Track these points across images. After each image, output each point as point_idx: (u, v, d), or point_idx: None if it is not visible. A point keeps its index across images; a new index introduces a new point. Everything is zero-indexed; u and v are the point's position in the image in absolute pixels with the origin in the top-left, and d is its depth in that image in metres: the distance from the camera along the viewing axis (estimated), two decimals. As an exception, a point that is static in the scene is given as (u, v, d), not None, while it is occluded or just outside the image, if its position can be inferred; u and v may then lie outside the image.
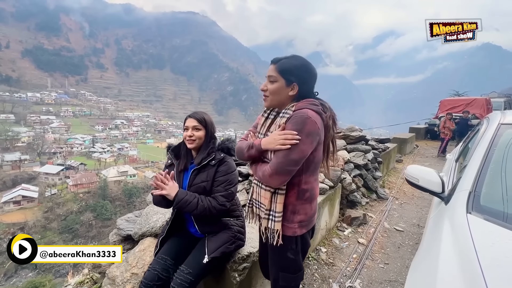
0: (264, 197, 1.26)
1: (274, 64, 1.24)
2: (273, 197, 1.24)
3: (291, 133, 1.11)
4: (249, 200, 1.40)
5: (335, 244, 2.94)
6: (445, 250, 1.11)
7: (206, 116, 1.62)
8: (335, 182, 3.13)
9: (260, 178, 1.22)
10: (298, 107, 1.20)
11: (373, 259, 2.72)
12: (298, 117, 1.14)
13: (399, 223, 3.60)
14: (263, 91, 1.28)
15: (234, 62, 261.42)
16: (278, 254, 1.30)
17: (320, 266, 2.53)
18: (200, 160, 1.55)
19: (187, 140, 1.56)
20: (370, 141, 5.11)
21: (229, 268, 1.63)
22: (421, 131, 13.08)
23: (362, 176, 4.27)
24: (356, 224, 3.38)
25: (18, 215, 35.07)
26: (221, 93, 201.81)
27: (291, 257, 1.30)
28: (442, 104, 13.54)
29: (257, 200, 1.34)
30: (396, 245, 3.01)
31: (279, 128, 1.19)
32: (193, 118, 1.57)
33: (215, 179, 1.54)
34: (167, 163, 1.68)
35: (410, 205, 4.31)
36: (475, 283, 0.86)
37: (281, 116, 1.24)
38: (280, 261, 1.33)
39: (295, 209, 1.25)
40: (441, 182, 1.65)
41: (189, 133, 1.55)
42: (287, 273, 1.33)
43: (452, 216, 1.33)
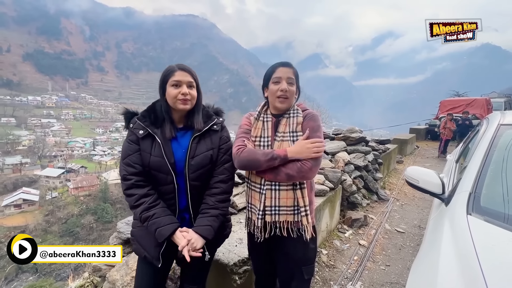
0: (285, 198, 1.25)
1: (291, 68, 1.29)
2: (296, 193, 1.24)
3: (320, 141, 1.22)
4: (261, 210, 1.26)
5: (336, 246, 2.93)
6: (445, 251, 1.11)
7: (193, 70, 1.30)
8: (335, 184, 3.13)
9: (293, 176, 1.19)
10: (303, 108, 1.35)
11: (374, 261, 2.71)
12: (314, 114, 1.31)
13: (400, 225, 3.58)
14: (285, 92, 1.26)
15: (234, 64, 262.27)
16: (302, 248, 1.30)
17: (321, 268, 2.52)
18: (202, 124, 1.28)
19: (180, 99, 1.22)
20: (370, 142, 5.11)
21: (229, 271, 1.62)
22: (422, 132, 13.08)
23: (363, 178, 4.27)
24: (357, 225, 3.37)
25: (19, 218, 35.02)
26: (221, 95, 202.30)
27: (312, 247, 1.34)
28: (442, 104, 13.55)
29: (274, 205, 1.25)
30: (397, 247, 3.00)
31: (297, 126, 1.28)
32: (186, 72, 1.24)
33: (220, 147, 1.32)
34: (133, 138, 1.22)
35: (411, 206, 4.30)
36: (475, 285, 0.86)
37: (293, 115, 1.30)
38: (304, 255, 1.32)
39: (310, 200, 1.31)
40: (441, 183, 1.65)
41: (184, 90, 1.21)
42: (309, 265, 1.35)
43: (452, 217, 1.33)
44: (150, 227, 1.16)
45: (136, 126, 1.23)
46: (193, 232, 1.19)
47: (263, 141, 1.30)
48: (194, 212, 1.27)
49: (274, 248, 1.37)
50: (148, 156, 1.20)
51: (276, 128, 1.32)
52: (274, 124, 1.33)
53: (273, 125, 1.33)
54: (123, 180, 1.20)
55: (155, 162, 1.20)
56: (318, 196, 2.80)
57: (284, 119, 1.31)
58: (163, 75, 1.25)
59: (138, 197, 1.18)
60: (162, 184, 1.22)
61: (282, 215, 1.25)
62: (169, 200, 1.24)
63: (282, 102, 1.29)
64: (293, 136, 1.27)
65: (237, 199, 2.50)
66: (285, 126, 1.29)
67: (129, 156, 1.20)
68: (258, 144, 1.31)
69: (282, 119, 1.31)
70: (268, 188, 1.26)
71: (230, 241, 1.88)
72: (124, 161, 1.21)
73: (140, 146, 1.22)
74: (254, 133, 1.33)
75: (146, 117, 1.25)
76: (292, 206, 1.25)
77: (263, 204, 1.26)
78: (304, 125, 1.28)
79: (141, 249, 1.27)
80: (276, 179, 1.23)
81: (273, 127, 1.33)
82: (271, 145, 1.29)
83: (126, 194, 1.20)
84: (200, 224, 1.22)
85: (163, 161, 1.19)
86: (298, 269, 1.32)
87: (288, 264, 1.36)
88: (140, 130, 1.22)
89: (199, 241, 1.18)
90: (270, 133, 1.31)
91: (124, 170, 1.20)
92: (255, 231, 1.32)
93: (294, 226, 1.27)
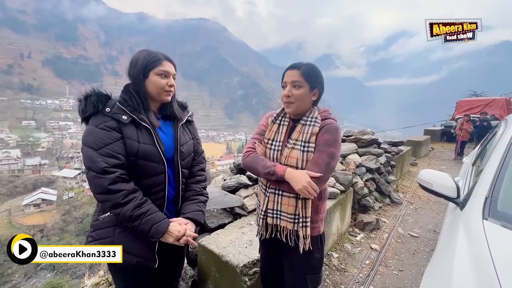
0: (287, 204, 1.23)
1: (298, 70, 1.21)
2: (299, 203, 1.21)
3: (317, 189, 1.11)
4: (263, 211, 1.29)
5: (347, 249, 2.90)
6: (460, 257, 1.08)
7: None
8: (346, 186, 3.09)
9: (296, 190, 1.15)
10: (323, 117, 1.25)
11: (387, 265, 2.65)
12: (333, 127, 1.21)
13: (414, 229, 3.49)
14: (287, 97, 1.23)
15: (244, 66, 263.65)
16: (307, 257, 1.27)
17: (331, 271, 2.50)
18: (180, 114, 1.28)
19: (166, 91, 1.17)
20: (382, 144, 5.02)
21: (240, 272, 1.64)
22: (437, 133, 12.70)
23: (375, 180, 4.20)
24: (368, 229, 3.31)
25: (38, 217, 36.42)
26: (232, 97, 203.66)
27: (318, 256, 1.31)
28: (459, 105, 13.13)
29: (275, 209, 1.26)
30: (411, 252, 2.93)
31: (311, 136, 1.20)
32: (172, 63, 1.20)
33: (196, 137, 1.36)
34: (112, 124, 1.06)
35: (425, 210, 4.18)
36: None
37: (309, 124, 1.23)
38: (309, 264, 1.30)
39: (318, 209, 1.28)
40: (455, 187, 1.60)
41: (172, 82, 1.18)
42: (314, 274, 1.32)
43: (467, 222, 1.29)
44: (143, 225, 1.05)
45: (116, 111, 1.08)
46: (184, 218, 1.19)
47: (274, 145, 1.28)
48: (181, 202, 1.26)
49: (281, 252, 1.37)
50: (136, 144, 1.08)
51: (290, 133, 1.28)
52: (290, 129, 1.29)
53: (288, 130, 1.29)
54: (102, 174, 1.01)
55: (145, 150, 1.09)
56: (329, 199, 2.77)
57: (300, 125, 1.25)
58: (147, 61, 1.13)
59: (127, 192, 1.04)
60: (150, 176, 1.12)
61: (282, 220, 1.25)
62: (157, 193, 1.15)
63: (287, 107, 1.26)
64: (304, 146, 1.20)
65: (247, 201, 2.52)
66: (299, 134, 1.23)
67: (110, 144, 1.04)
68: (269, 147, 1.29)
69: (298, 125, 1.26)
70: (272, 192, 1.26)
71: (240, 242, 1.90)
72: (102, 151, 1.02)
73: (122, 133, 1.07)
74: (268, 135, 1.31)
75: (128, 101, 1.11)
76: (293, 214, 1.23)
77: (265, 205, 1.28)
78: (319, 136, 1.20)
79: (129, 256, 1.11)
80: (279, 186, 1.23)
81: (287, 132, 1.29)
82: (281, 150, 1.26)
83: (110, 190, 1.01)
84: (192, 210, 1.22)
85: (154, 149, 1.11)
86: (302, 278, 1.30)
87: (292, 272, 1.34)
88: (123, 115, 1.08)
89: (193, 227, 1.20)
90: (282, 138, 1.28)
91: (103, 162, 1.01)
92: (258, 228, 1.37)
93: (292, 235, 1.24)
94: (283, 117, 1.33)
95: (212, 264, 1.83)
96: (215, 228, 2.15)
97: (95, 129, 1.06)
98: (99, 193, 1.03)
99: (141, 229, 1.06)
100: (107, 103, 1.09)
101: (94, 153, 1.02)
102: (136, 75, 1.15)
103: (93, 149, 1.03)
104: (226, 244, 1.88)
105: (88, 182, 1.06)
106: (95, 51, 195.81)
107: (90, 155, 1.03)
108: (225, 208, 2.34)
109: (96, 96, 1.09)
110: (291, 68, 1.24)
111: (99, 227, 1.12)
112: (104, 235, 1.10)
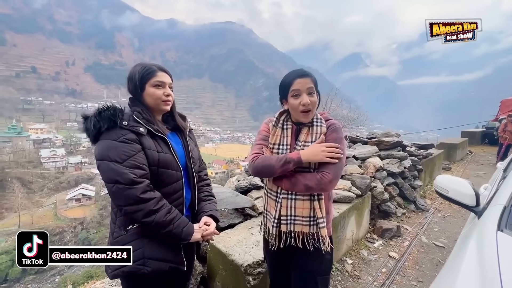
0: (301, 208, 1.22)
1: (311, 78, 1.22)
2: (313, 204, 1.22)
3: (336, 146, 1.18)
4: (276, 218, 1.25)
5: (363, 256, 2.79)
6: (466, 269, 1.02)
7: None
8: (363, 191, 2.98)
9: (312, 187, 1.16)
10: (326, 118, 1.31)
11: (405, 275, 2.51)
12: (338, 126, 1.26)
13: (440, 238, 3.26)
14: (306, 106, 1.20)
15: (269, 67, 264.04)
16: (317, 258, 1.26)
17: (344, 278, 2.43)
18: (183, 124, 1.34)
19: (164, 101, 1.20)
20: (408, 147, 4.74)
21: (244, 271, 1.68)
22: (477, 136, 11.65)
23: (398, 185, 3.98)
24: (388, 236, 3.16)
25: (79, 211, 39.75)
26: (257, 99, 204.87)
27: (328, 257, 1.30)
28: (504, 104, 11.95)
29: (289, 215, 1.24)
30: (434, 262, 2.74)
31: (320, 136, 1.23)
32: (166, 73, 1.22)
33: (196, 144, 1.42)
34: (131, 136, 1.09)
35: (455, 219, 3.88)
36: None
37: (316, 125, 1.26)
38: (319, 266, 1.29)
39: (328, 209, 1.29)
40: (474, 194, 1.49)
41: (168, 92, 1.22)
42: (324, 275, 1.31)
43: (481, 232, 1.20)
44: (176, 229, 1.10)
45: (133, 123, 1.11)
46: (207, 217, 1.29)
47: (281, 149, 1.27)
48: (197, 206, 1.33)
49: (289, 256, 1.35)
50: (156, 153, 1.13)
51: (296, 136, 1.28)
52: (295, 132, 1.29)
53: (293, 133, 1.29)
54: (132, 185, 1.04)
55: (165, 159, 1.15)
56: (343, 203, 2.70)
57: (306, 127, 1.27)
58: (142, 74, 1.17)
59: (157, 199, 1.08)
60: (170, 183, 1.17)
61: (297, 225, 1.23)
62: (176, 199, 1.19)
63: (306, 116, 1.24)
64: None
65: (257, 202, 2.55)
66: (307, 135, 1.25)
67: (133, 156, 1.07)
68: (276, 152, 1.27)
69: (304, 128, 1.27)
70: (284, 197, 1.24)
71: (248, 243, 1.93)
72: (127, 163, 1.05)
73: (142, 144, 1.10)
74: (273, 140, 1.30)
75: (142, 114, 1.15)
76: (308, 217, 1.22)
77: (278, 212, 1.25)
78: (327, 135, 1.24)
79: (162, 264, 1.13)
80: (294, 190, 1.20)
81: (293, 135, 1.29)
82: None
83: (142, 199, 1.05)
84: (211, 209, 1.34)
85: (172, 157, 1.17)
86: (313, 280, 1.28)
87: (302, 274, 1.32)
88: (140, 127, 1.12)
89: (214, 224, 1.30)
90: (289, 141, 1.27)
91: (131, 173, 1.04)
92: (270, 239, 1.32)
93: (310, 238, 1.23)
94: (285, 122, 1.32)
95: (220, 262, 1.89)
96: (225, 227, 2.21)
97: (115, 143, 1.06)
98: (130, 204, 1.04)
99: (174, 233, 1.11)
100: (122, 117, 1.10)
101: (119, 166, 1.04)
102: (134, 90, 1.19)
103: (117, 162, 1.04)
104: (234, 243, 1.93)
105: (114, 196, 1.05)
106: (129, 57, 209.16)
107: (115, 168, 1.03)
108: (236, 208, 2.40)
109: (113, 110, 1.10)
110: (302, 76, 1.22)
111: (125, 241, 1.11)
112: (134, 248, 1.10)
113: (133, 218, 1.09)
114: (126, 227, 1.12)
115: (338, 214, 2.49)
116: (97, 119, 1.07)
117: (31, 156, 56.28)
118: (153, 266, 1.10)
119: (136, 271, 1.09)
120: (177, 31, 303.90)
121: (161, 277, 1.18)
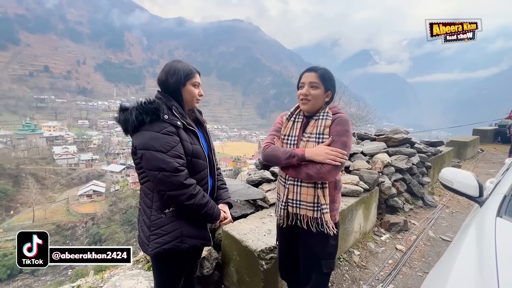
0: (306, 194, 1.34)
1: (315, 72, 1.35)
2: (317, 191, 1.32)
3: (341, 152, 1.26)
4: (284, 201, 1.41)
5: (370, 248, 2.88)
6: (464, 253, 1.09)
7: None
8: (371, 185, 3.06)
9: (312, 176, 1.28)
10: (334, 111, 1.39)
11: (411, 266, 2.60)
12: (344, 119, 1.34)
13: (447, 233, 3.31)
14: (305, 96, 1.35)
15: (277, 65, 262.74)
16: (322, 242, 1.38)
17: (351, 267, 2.53)
18: (202, 118, 1.48)
19: (198, 99, 1.38)
20: (417, 144, 4.76)
21: (257, 256, 1.80)
22: (489, 134, 11.44)
23: (406, 181, 4.03)
24: (395, 230, 3.23)
25: (90, 206, 40.83)
26: (264, 97, 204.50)
27: (333, 243, 1.42)
28: (518, 102, 11.64)
29: (295, 199, 1.37)
30: (440, 255, 2.79)
31: (324, 129, 1.33)
32: (199, 76, 1.39)
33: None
34: (172, 129, 1.22)
35: (463, 215, 3.90)
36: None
37: (322, 118, 1.36)
38: (324, 249, 1.40)
39: (334, 198, 1.40)
40: (478, 185, 1.57)
41: (202, 92, 1.39)
42: (329, 259, 1.42)
43: (481, 219, 1.29)
44: (210, 210, 1.27)
45: (172, 117, 1.24)
46: (223, 204, 1.45)
47: (290, 140, 1.41)
48: (216, 193, 1.49)
49: (298, 239, 1.48)
50: (190, 145, 1.26)
51: (304, 128, 1.40)
52: (304, 125, 1.42)
53: (302, 126, 1.42)
54: (177, 172, 1.17)
55: (196, 150, 1.29)
56: (351, 197, 2.79)
57: (313, 120, 1.38)
58: (185, 73, 1.30)
59: (195, 185, 1.24)
60: (199, 171, 1.31)
61: (302, 209, 1.37)
62: (203, 186, 1.31)
63: (303, 104, 1.39)
64: (318, 138, 1.33)
65: (269, 194, 2.67)
66: (313, 128, 1.36)
67: (175, 147, 1.20)
68: (285, 142, 1.42)
69: (311, 121, 1.39)
70: (291, 183, 1.39)
71: (260, 231, 2.06)
72: (170, 153, 1.17)
73: (179, 136, 1.24)
74: (284, 131, 1.45)
75: (178, 109, 1.28)
76: (312, 203, 1.35)
77: (286, 196, 1.41)
78: (332, 128, 1.33)
79: (195, 241, 1.29)
80: (297, 177, 1.34)
81: (301, 128, 1.42)
82: (297, 144, 1.39)
83: (185, 185, 1.18)
84: (228, 196, 1.50)
85: (201, 149, 1.32)
86: (318, 262, 1.40)
87: (309, 256, 1.45)
88: (177, 121, 1.25)
89: (228, 210, 1.45)
90: (297, 133, 1.41)
91: (175, 162, 1.17)
92: (278, 219, 1.49)
93: (313, 221, 1.36)
94: (297, 115, 1.47)
95: (234, 248, 2.02)
96: (238, 217, 2.34)
97: (158, 134, 1.18)
98: (174, 189, 1.17)
99: (208, 213, 1.27)
100: (163, 111, 1.21)
101: (164, 155, 1.16)
102: (176, 84, 1.30)
103: (161, 152, 1.16)
104: (247, 231, 2.05)
105: (160, 182, 1.16)
106: (138, 55, 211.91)
107: (160, 157, 1.15)
108: (248, 200, 2.52)
109: (156, 104, 1.21)
110: (309, 70, 1.38)
111: (164, 223, 1.23)
112: (172, 228, 1.23)
113: (176, 202, 1.22)
114: (164, 210, 1.24)
115: (346, 207, 2.58)
116: (139, 112, 1.18)
117: (44, 153, 57.99)
118: (190, 243, 1.26)
119: (176, 248, 1.23)
120: (185, 30, 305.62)
121: (191, 253, 1.34)
